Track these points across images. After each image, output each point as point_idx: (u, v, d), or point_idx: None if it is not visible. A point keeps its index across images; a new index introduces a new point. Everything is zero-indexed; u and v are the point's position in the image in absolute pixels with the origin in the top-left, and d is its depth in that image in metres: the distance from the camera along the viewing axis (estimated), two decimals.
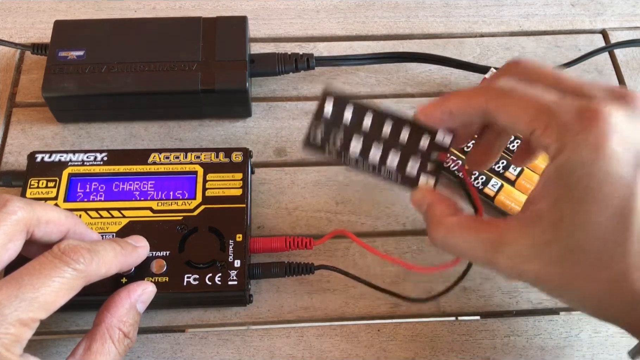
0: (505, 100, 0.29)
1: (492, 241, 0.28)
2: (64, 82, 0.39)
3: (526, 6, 0.49)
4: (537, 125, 0.27)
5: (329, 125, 0.33)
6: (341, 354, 0.35)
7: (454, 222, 0.30)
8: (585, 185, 0.26)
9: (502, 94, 0.29)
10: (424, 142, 0.32)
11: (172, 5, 0.48)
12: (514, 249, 0.28)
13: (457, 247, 0.30)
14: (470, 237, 0.29)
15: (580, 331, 0.36)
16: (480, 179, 0.39)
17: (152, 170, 0.37)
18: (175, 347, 0.35)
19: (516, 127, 0.28)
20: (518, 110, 0.28)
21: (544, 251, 0.27)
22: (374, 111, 0.33)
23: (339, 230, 0.36)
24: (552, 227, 0.27)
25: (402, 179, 0.32)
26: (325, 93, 0.33)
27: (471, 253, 0.29)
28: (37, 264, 0.27)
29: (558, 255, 0.27)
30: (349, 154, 0.33)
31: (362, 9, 0.48)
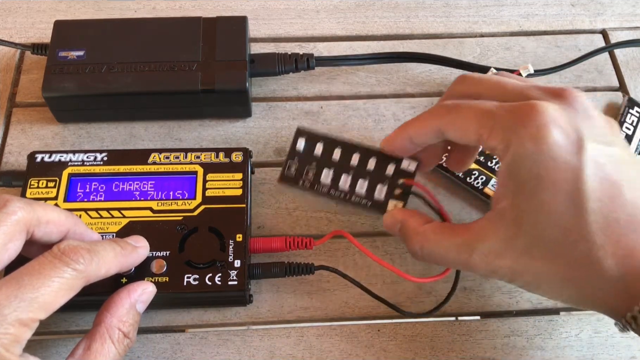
0: (452, 116, 0.31)
1: (465, 242, 0.30)
2: (64, 82, 0.39)
3: (526, 6, 0.49)
4: (482, 131, 0.29)
5: (302, 160, 0.36)
6: (341, 354, 0.35)
7: (428, 230, 0.32)
8: (535, 176, 0.28)
9: (449, 111, 0.31)
10: (390, 169, 0.35)
11: (172, 5, 0.48)
12: (485, 247, 0.29)
13: (434, 253, 0.31)
14: (445, 241, 0.31)
15: (580, 331, 0.36)
16: (480, 179, 0.39)
17: (152, 170, 0.37)
18: (175, 347, 0.35)
19: (466, 138, 0.31)
20: (464, 122, 0.30)
21: (512, 245, 0.28)
22: (343, 144, 0.36)
23: (338, 231, 0.36)
24: (514, 222, 0.28)
25: (372, 205, 0.35)
26: (298, 132, 0.36)
27: (447, 257, 0.31)
28: (36, 264, 0.27)
29: (524, 247, 0.28)
30: (321, 184, 0.35)
31: (362, 9, 0.48)
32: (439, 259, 0.32)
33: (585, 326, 0.36)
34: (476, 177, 0.39)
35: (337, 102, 0.44)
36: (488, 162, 0.40)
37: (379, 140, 0.42)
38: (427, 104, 0.44)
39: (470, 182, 0.39)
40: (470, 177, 0.39)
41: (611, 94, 0.45)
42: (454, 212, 0.39)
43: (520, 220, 0.28)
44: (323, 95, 0.44)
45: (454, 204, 0.40)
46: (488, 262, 0.29)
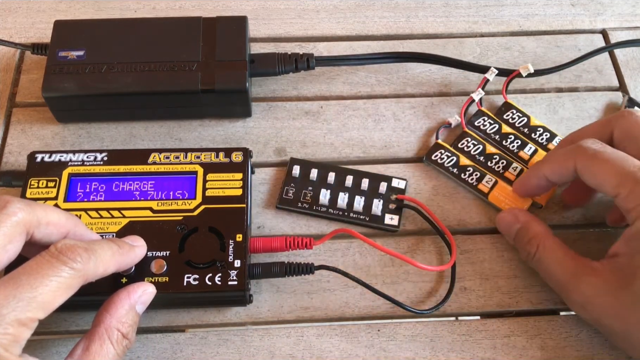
0: (593, 163, 0.32)
1: (576, 267, 0.32)
2: (64, 82, 0.39)
3: (526, 6, 0.49)
4: (621, 190, 0.31)
5: (298, 185, 0.39)
6: (341, 354, 0.35)
7: (550, 238, 0.34)
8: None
9: (590, 157, 0.33)
10: (383, 187, 0.39)
11: (172, 5, 0.48)
12: (593, 281, 0.31)
13: (544, 261, 0.34)
14: (560, 254, 0.33)
15: (580, 331, 0.36)
16: (474, 175, 0.40)
17: (152, 170, 0.37)
18: (175, 347, 0.35)
19: (603, 189, 0.32)
20: (604, 174, 0.32)
21: (617, 292, 0.31)
22: (336, 169, 0.39)
23: (343, 229, 0.36)
24: (628, 276, 0.30)
25: (370, 220, 0.38)
26: (292, 161, 0.39)
27: (554, 270, 0.33)
28: (34, 264, 0.26)
29: (629, 301, 0.30)
30: (319, 204, 0.38)
31: (362, 9, 0.48)
32: (545, 268, 0.34)
33: (585, 326, 0.36)
34: (470, 173, 0.40)
35: (337, 102, 0.44)
36: (489, 162, 0.40)
37: (379, 140, 0.42)
38: (427, 104, 0.44)
39: (465, 179, 0.40)
40: (465, 173, 0.40)
41: (611, 93, 0.45)
42: (454, 213, 0.39)
43: (634, 275, 0.30)
44: (323, 95, 0.44)
45: (454, 204, 0.40)
46: (587, 295, 0.32)
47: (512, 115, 0.42)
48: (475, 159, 0.40)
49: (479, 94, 0.42)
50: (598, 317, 0.32)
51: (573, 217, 0.39)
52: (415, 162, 0.41)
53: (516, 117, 0.42)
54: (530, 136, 0.42)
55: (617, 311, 0.31)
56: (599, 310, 0.32)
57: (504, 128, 0.42)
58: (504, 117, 0.42)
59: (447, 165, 0.40)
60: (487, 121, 0.42)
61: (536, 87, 0.45)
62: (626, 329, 0.31)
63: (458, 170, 0.40)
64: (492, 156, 0.40)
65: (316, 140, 0.42)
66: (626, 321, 0.31)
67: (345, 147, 0.42)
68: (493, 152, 0.41)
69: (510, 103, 0.43)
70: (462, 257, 0.38)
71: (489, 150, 0.41)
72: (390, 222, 0.38)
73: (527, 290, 0.37)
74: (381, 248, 0.35)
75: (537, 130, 0.42)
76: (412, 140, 0.42)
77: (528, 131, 0.42)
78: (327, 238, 0.36)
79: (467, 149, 0.41)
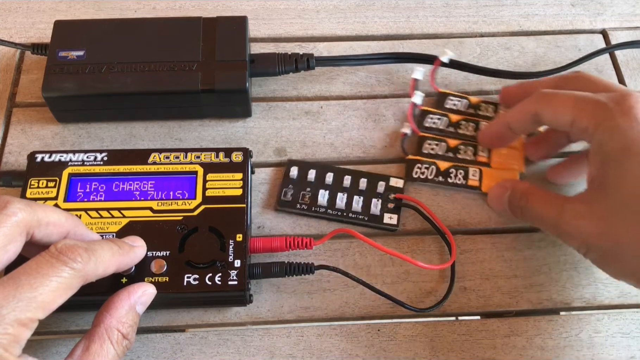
0: (551, 102, 0.34)
1: (559, 201, 0.34)
2: (65, 82, 0.39)
3: (526, 6, 0.49)
4: (576, 113, 0.33)
5: (297, 186, 0.39)
6: (341, 353, 0.35)
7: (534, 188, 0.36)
8: (623, 147, 0.30)
9: (547, 98, 0.34)
10: (381, 186, 0.39)
11: (172, 5, 0.48)
12: (577, 207, 0.32)
13: (533, 209, 0.35)
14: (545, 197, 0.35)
15: (580, 331, 0.36)
16: (459, 174, 0.40)
17: (152, 170, 0.37)
18: (175, 347, 0.35)
19: (559, 121, 0.34)
20: (561, 106, 0.34)
21: (595, 208, 0.31)
22: (334, 169, 0.39)
23: (343, 229, 0.36)
24: (600, 187, 0.31)
25: (368, 219, 0.38)
26: (290, 163, 0.39)
27: (542, 212, 0.34)
28: (34, 264, 0.26)
29: (608, 211, 0.31)
30: (318, 205, 0.38)
31: (362, 9, 0.48)
32: (536, 214, 0.35)
33: (585, 326, 0.36)
34: (455, 174, 0.40)
35: (337, 102, 0.44)
36: (458, 154, 0.41)
37: (379, 140, 0.42)
38: (427, 104, 0.44)
39: (453, 182, 0.40)
40: (450, 177, 0.40)
41: None
42: (454, 213, 0.39)
43: (606, 186, 0.31)
44: (323, 95, 0.44)
45: (454, 204, 0.40)
46: (571, 221, 0.32)
47: (452, 102, 0.43)
48: (446, 157, 0.41)
49: (419, 96, 0.42)
50: (585, 240, 0.32)
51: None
52: None
53: (456, 102, 0.43)
54: (477, 114, 0.42)
55: (599, 227, 0.31)
56: (584, 232, 0.32)
57: (452, 117, 0.42)
58: (446, 107, 0.43)
59: (431, 177, 0.40)
60: (435, 117, 0.42)
61: None
62: (612, 243, 0.31)
63: (442, 176, 0.40)
64: (457, 148, 0.41)
65: (316, 140, 0.42)
66: (610, 235, 0.30)
67: (345, 147, 0.42)
68: (456, 144, 0.41)
69: (444, 92, 0.43)
70: (462, 257, 0.38)
71: (452, 143, 0.41)
72: (390, 221, 0.38)
73: (527, 290, 0.37)
74: (381, 247, 0.35)
75: (480, 106, 0.43)
76: (411, 140, 0.42)
77: (473, 110, 0.43)
78: (327, 238, 0.36)
79: (432, 152, 0.41)
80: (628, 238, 0.30)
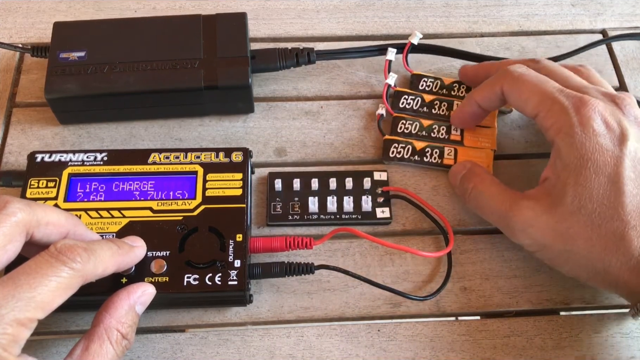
0: (517, 84, 0.35)
1: (511, 197, 0.34)
2: (67, 84, 0.39)
3: (526, 6, 0.49)
4: (541, 109, 0.34)
5: (283, 198, 0.38)
6: (341, 354, 0.35)
7: (487, 176, 0.37)
8: (581, 156, 0.32)
9: (515, 79, 0.35)
10: (367, 182, 0.39)
11: (172, 5, 0.48)
12: (530, 205, 0.33)
13: (481, 196, 0.36)
14: (495, 188, 0.36)
15: (580, 331, 0.36)
16: (435, 153, 0.40)
17: (152, 170, 0.37)
18: (175, 347, 0.35)
19: (526, 109, 0.35)
20: (527, 94, 0.34)
21: (553, 210, 0.32)
22: (318, 174, 0.39)
23: (343, 228, 0.36)
24: (559, 192, 0.32)
25: (362, 217, 0.38)
26: (271, 176, 0.39)
27: (491, 203, 0.35)
28: (33, 264, 0.26)
29: (564, 215, 0.32)
30: (310, 212, 0.38)
31: (362, 9, 0.48)
32: (483, 204, 0.36)
33: (585, 326, 0.36)
34: (430, 153, 0.40)
35: (337, 102, 0.44)
36: (431, 133, 0.41)
37: (379, 140, 0.42)
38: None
39: (428, 161, 0.40)
40: (425, 156, 0.40)
41: None
42: (454, 213, 0.39)
43: (564, 191, 0.32)
44: (323, 95, 0.44)
45: (454, 204, 0.40)
46: (526, 218, 0.33)
47: (426, 84, 0.43)
48: (420, 136, 0.41)
49: (392, 77, 0.43)
50: (540, 240, 0.33)
51: None
52: None
53: (430, 83, 0.43)
54: (450, 94, 0.43)
55: (555, 228, 0.32)
56: (539, 232, 0.33)
57: (426, 97, 0.42)
58: (420, 88, 0.43)
59: (407, 156, 0.40)
60: (410, 98, 0.42)
61: None
62: (566, 244, 0.32)
63: (418, 155, 0.40)
64: (431, 127, 0.41)
65: (316, 140, 0.42)
66: (565, 237, 0.32)
67: (345, 147, 0.42)
68: (430, 124, 0.41)
69: (417, 73, 0.44)
70: (462, 257, 0.38)
71: (425, 123, 0.41)
72: (382, 215, 0.38)
73: (527, 290, 0.37)
74: (382, 242, 0.35)
75: (453, 86, 0.43)
76: None
77: (447, 91, 0.43)
78: (327, 238, 0.36)
79: (407, 131, 0.41)
80: (581, 243, 0.31)
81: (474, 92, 0.38)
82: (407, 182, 0.40)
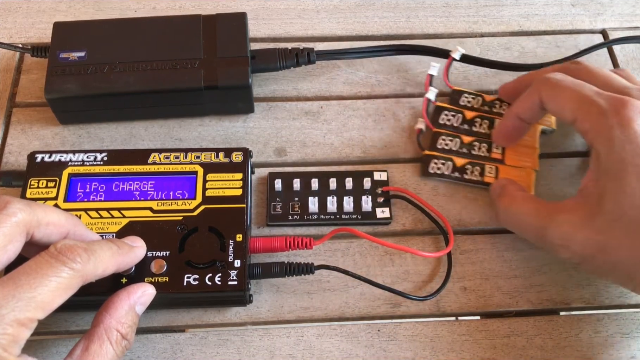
0: (555, 91, 0.34)
1: (547, 211, 0.33)
2: (67, 84, 0.39)
3: (526, 6, 0.49)
4: (578, 114, 0.33)
5: (283, 198, 0.38)
6: (341, 354, 0.35)
7: (519, 194, 0.36)
8: (620, 160, 0.30)
9: (552, 86, 0.34)
10: (367, 182, 0.39)
11: (172, 5, 0.48)
12: (565, 218, 0.32)
13: (516, 214, 0.35)
14: (529, 204, 0.34)
15: (580, 331, 0.36)
16: (476, 170, 0.40)
17: (152, 170, 0.37)
18: (175, 347, 0.35)
19: (562, 115, 0.34)
20: (565, 99, 0.33)
21: (592, 221, 0.31)
22: (318, 174, 0.39)
23: (343, 228, 0.36)
24: (598, 200, 0.31)
25: (362, 217, 0.38)
26: (271, 176, 0.39)
27: (526, 220, 0.34)
28: (33, 264, 0.26)
29: (605, 224, 0.30)
30: (310, 213, 0.38)
31: (362, 9, 0.48)
32: (518, 221, 0.35)
33: (585, 326, 0.36)
34: (471, 170, 0.40)
35: (337, 102, 0.44)
36: (472, 150, 0.40)
37: (379, 140, 0.42)
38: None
39: (469, 178, 0.40)
40: (466, 173, 0.40)
41: None
42: (454, 213, 0.39)
43: (603, 199, 0.30)
44: (323, 95, 0.44)
45: (454, 204, 0.40)
46: (564, 232, 0.32)
47: (467, 99, 0.43)
48: (460, 153, 0.40)
49: (433, 92, 0.42)
50: (581, 253, 0.31)
51: None
52: (415, 162, 0.41)
53: (471, 99, 0.43)
54: (492, 111, 0.42)
55: (596, 240, 0.30)
56: (579, 245, 0.31)
57: (467, 114, 0.42)
58: (461, 104, 0.43)
59: (447, 173, 0.40)
60: (450, 114, 0.42)
61: None
62: (608, 256, 0.30)
63: (459, 172, 0.40)
64: (472, 144, 0.41)
65: (316, 140, 0.42)
66: (607, 248, 0.30)
67: (345, 147, 0.42)
68: (471, 140, 0.41)
69: (458, 89, 0.43)
70: (462, 257, 0.38)
71: (466, 140, 0.41)
72: (382, 215, 0.38)
73: (527, 290, 0.37)
74: (382, 242, 0.35)
75: (495, 103, 0.42)
76: (412, 140, 0.42)
77: (488, 108, 0.42)
78: (327, 238, 0.36)
79: (447, 147, 0.41)
80: (624, 252, 0.30)
81: (513, 105, 0.37)
82: (407, 182, 0.40)
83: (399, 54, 0.45)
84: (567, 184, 0.40)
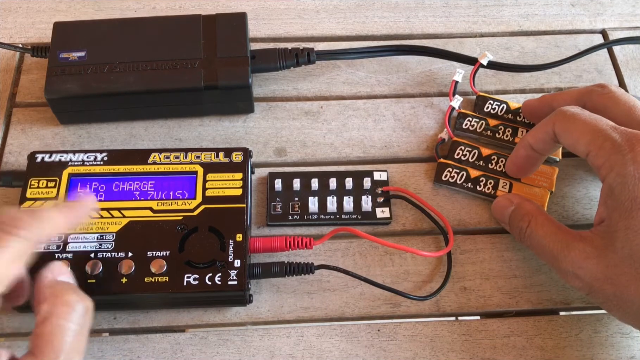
0: (569, 124, 0.34)
1: (565, 237, 0.33)
2: (67, 84, 0.39)
3: (526, 6, 0.49)
4: (592, 148, 0.32)
5: (283, 198, 0.38)
6: (341, 354, 0.35)
7: (541, 214, 0.35)
8: (632, 197, 0.30)
9: (567, 118, 0.34)
10: (367, 182, 0.39)
11: (172, 5, 0.48)
12: (581, 247, 0.32)
13: (536, 236, 0.34)
14: (550, 227, 0.34)
15: (580, 331, 0.36)
16: (489, 184, 0.39)
17: (152, 170, 0.37)
18: (175, 347, 0.35)
19: (575, 148, 0.33)
20: (579, 133, 0.33)
21: (603, 255, 0.31)
22: (318, 174, 0.39)
23: (343, 228, 0.36)
24: (610, 236, 0.31)
25: (362, 217, 0.38)
26: (271, 176, 0.39)
27: (544, 243, 0.34)
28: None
29: (615, 260, 0.30)
30: (310, 212, 0.38)
31: (362, 9, 0.48)
32: (536, 243, 0.34)
33: (585, 326, 0.36)
34: (485, 183, 0.39)
35: (337, 102, 0.44)
36: (489, 164, 0.40)
37: (379, 140, 0.42)
38: (427, 104, 0.44)
39: (481, 190, 0.39)
40: (479, 185, 0.39)
41: None
42: (454, 213, 0.39)
43: (615, 235, 0.30)
44: (323, 95, 0.44)
45: (454, 204, 0.40)
46: (575, 261, 0.32)
47: (491, 106, 0.42)
48: (476, 165, 0.40)
49: (457, 101, 0.42)
50: (590, 283, 0.31)
51: None
52: (415, 162, 0.41)
53: (495, 106, 0.42)
54: (516, 120, 0.42)
55: (605, 273, 0.31)
56: (589, 275, 0.31)
57: (491, 121, 0.42)
58: (485, 111, 0.42)
59: (460, 182, 0.39)
60: (473, 121, 0.42)
61: (536, 87, 0.45)
62: (616, 290, 0.31)
63: (472, 183, 0.39)
64: (489, 158, 0.40)
65: (316, 140, 0.42)
66: (615, 282, 0.30)
67: (345, 147, 0.42)
68: (489, 153, 0.40)
69: (483, 95, 0.43)
70: (462, 257, 0.38)
71: (484, 152, 0.40)
72: (382, 215, 0.38)
73: (527, 290, 0.37)
74: (382, 242, 0.35)
75: (519, 111, 0.42)
76: (412, 140, 0.42)
77: (512, 116, 0.42)
78: (327, 238, 0.36)
79: (463, 158, 0.40)
80: (632, 289, 0.30)
81: (527, 135, 0.37)
82: (407, 182, 0.40)
83: (399, 54, 0.45)
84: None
